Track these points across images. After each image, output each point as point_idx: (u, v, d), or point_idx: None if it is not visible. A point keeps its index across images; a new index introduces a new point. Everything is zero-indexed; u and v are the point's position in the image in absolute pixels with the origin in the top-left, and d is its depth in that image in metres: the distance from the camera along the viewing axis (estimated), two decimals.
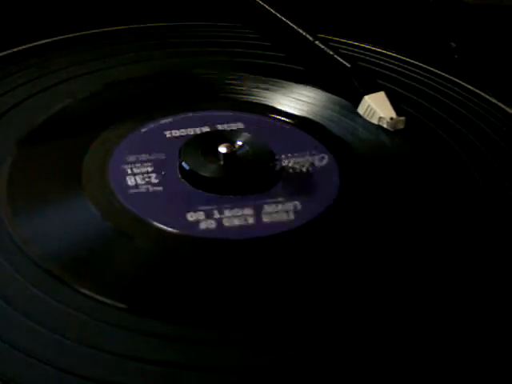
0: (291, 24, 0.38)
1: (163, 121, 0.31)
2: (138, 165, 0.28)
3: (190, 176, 0.27)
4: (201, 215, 0.26)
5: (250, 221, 0.26)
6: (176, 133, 0.30)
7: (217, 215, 0.26)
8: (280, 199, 0.27)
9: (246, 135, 0.30)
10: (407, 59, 0.38)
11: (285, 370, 0.21)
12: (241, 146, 0.29)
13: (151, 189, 0.27)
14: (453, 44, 0.43)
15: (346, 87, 0.34)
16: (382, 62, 0.38)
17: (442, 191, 0.29)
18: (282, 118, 0.32)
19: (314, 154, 0.29)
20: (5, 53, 0.36)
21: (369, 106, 0.32)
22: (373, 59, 0.38)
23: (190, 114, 0.32)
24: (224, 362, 0.21)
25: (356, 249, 0.26)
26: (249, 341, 0.22)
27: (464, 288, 0.24)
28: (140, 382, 0.20)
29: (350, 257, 0.25)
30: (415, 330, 0.23)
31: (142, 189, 0.27)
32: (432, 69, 0.38)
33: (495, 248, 0.26)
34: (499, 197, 0.28)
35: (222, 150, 0.28)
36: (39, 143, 0.30)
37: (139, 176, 0.28)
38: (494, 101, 0.35)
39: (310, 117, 0.33)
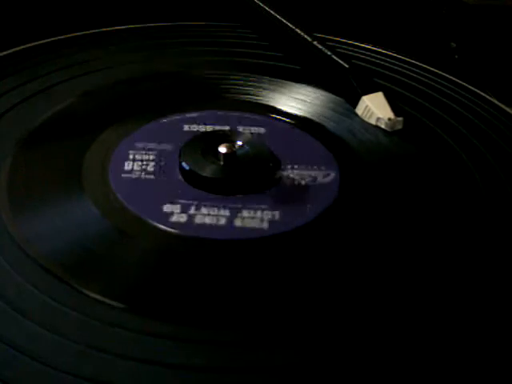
0: (289, 24, 0.38)
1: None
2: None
3: (189, 176, 0.28)
4: (177, 208, 0.26)
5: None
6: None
7: (194, 211, 0.26)
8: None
9: (245, 135, 0.30)
10: (407, 59, 0.38)
11: (281, 370, 0.21)
12: (241, 146, 0.29)
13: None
14: (453, 44, 0.43)
15: (344, 88, 0.34)
16: (381, 62, 0.38)
17: (442, 191, 0.29)
18: (282, 118, 0.32)
19: (320, 170, 0.29)
20: (5, 53, 0.36)
21: (367, 106, 0.32)
22: (372, 59, 0.38)
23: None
24: (223, 361, 0.21)
25: (356, 248, 0.26)
26: (248, 340, 0.22)
27: (464, 288, 0.24)
28: (140, 382, 0.20)
29: (350, 257, 0.25)
30: (414, 330, 0.23)
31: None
32: (432, 69, 0.38)
33: (495, 248, 0.26)
34: (499, 197, 0.28)
35: (222, 150, 0.28)
36: (39, 143, 0.30)
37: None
38: (494, 101, 0.35)
39: (310, 117, 0.33)
